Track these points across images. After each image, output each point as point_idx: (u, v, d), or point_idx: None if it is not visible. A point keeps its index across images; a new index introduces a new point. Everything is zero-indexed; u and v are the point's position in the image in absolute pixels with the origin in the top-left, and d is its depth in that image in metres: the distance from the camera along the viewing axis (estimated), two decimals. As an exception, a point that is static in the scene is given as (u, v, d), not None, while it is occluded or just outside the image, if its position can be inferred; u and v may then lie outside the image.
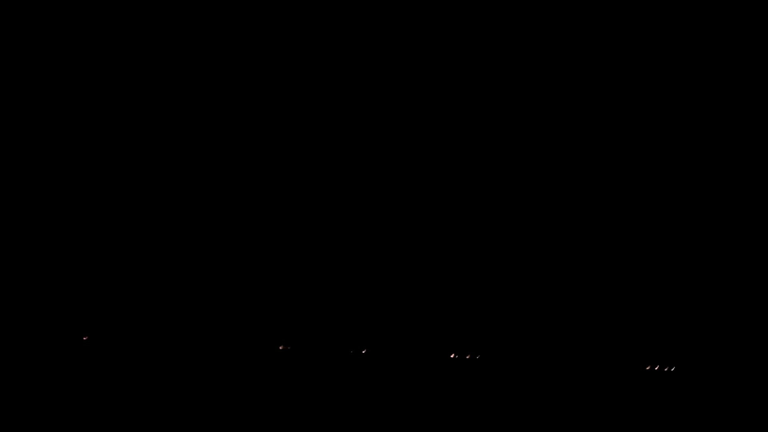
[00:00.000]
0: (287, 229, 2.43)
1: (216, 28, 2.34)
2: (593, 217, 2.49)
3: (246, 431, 2.26)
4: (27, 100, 2.30)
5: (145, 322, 2.37)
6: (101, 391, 2.26)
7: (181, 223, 2.39)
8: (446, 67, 2.42)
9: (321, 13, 2.37)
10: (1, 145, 2.32)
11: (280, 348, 2.38)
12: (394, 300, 2.47)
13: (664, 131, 2.43)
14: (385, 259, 2.46)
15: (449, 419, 2.38)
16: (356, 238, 2.45)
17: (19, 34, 2.28)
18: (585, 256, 2.49)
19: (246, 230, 2.41)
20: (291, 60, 2.38)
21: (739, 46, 2.35)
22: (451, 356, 2.47)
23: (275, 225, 2.43)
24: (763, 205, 2.41)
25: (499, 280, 2.49)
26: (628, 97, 2.43)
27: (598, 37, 2.40)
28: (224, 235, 2.40)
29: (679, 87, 2.42)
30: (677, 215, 2.46)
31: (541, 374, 2.46)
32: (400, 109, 2.43)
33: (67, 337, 2.32)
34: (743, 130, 2.40)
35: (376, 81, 2.41)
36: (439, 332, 2.49)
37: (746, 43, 2.34)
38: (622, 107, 2.43)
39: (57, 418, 2.21)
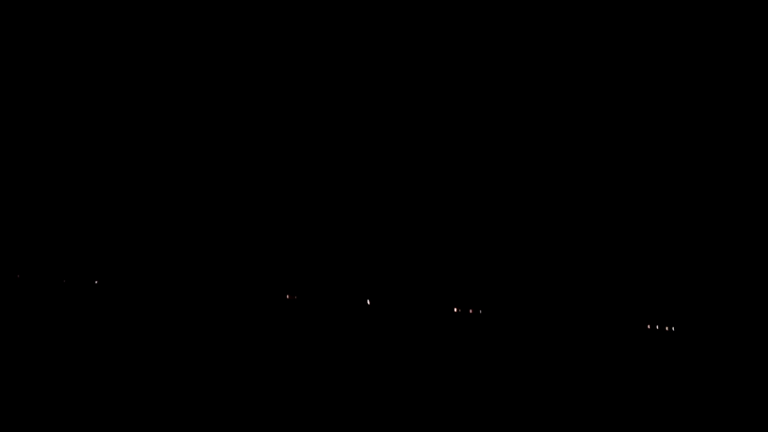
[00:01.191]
0: (298, 184, 2.48)
1: (216, 29, 2.38)
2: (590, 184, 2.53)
3: (252, 376, 2.31)
4: (28, 100, 2.35)
5: (156, 270, 2.42)
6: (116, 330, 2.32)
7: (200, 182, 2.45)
8: (447, 68, 2.46)
9: (321, 13, 2.41)
10: (9, 143, 2.37)
11: (287, 297, 2.44)
12: (398, 253, 2.51)
13: (663, 122, 2.47)
14: (390, 213, 2.51)
15: (449, 372, 2.43)
16: (364, 194, 2.50)
17: (20, 34, 2.32)
18: (584, 216, 2.53)
19: (262, 185, 2.47)
20: (291, 60, 2.43)
21: (739, 46, 2.39)
22: (455, 310, 2.52)
23: (291, 181, 2.48)
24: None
25: (503, 234, 2.54)
26: (627, 95, 2.47)
27: (598, 37, 2.43)
28: (235, 188, 2.46)
29: (680, 87, 2.45)
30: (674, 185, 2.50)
31: (543, 330, 2.50)
32: (401, 96, 2.47)
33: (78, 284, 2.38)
34: (743, 129, 2.44)
35: (376, 81, 2.45)
36: (442, 286, 2.54)
37: (746, 43, 2.37)
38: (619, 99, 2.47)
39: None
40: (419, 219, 2.53)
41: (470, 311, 2.53)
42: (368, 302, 2.48)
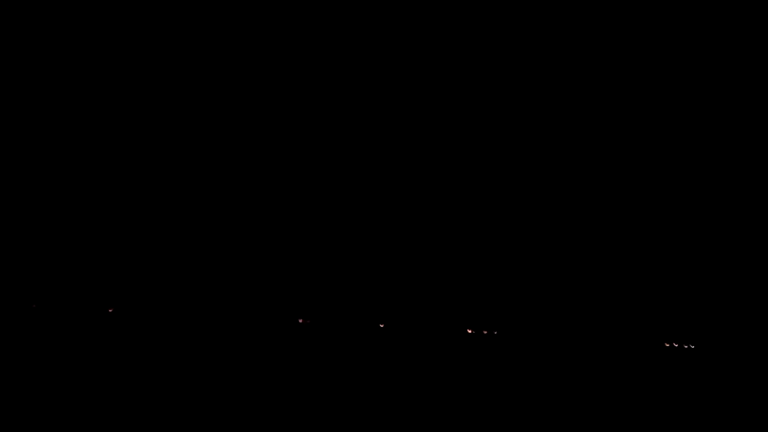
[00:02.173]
0: (311, 207, 2.49)
1: (216, 29, 2.40)
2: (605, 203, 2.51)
3: (266, 399, 2.31)
4: (28, 101, 2.37)
5: (169, 294, 2.44)
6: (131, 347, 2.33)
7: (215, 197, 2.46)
8: (447, 68, 2.46)
9: (321, 13, 2.42)
10: (4, 144, 2.40)
11: (300, 321, 2.44)
12: (411, 276, 2.51)
13: (664, 127, 2.45)
14: (403, 235, 2.51)
15: (464, 395, 2.41)
16: (377, 215, 2.50)
17: (20, 34, 2.35)
18: (598, 238, 2.51)
19: (272, 208, 2.48)
20: (291, 60, 2.44)
21: (739, 46, 2.36)
22: (468, 331, 2.50)
23: (302, 204, 2.49)
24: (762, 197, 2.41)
25: (516, 256, 2.52)
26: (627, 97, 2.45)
27: (598, 37, 2.42)
28: (250, 211, 2.47)
29: (680, 87, 2.43)
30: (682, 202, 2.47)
31: (556, 352, 2.48)
32: (405, 104, 2.47)
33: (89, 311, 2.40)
34: (743, 130, 2.41)
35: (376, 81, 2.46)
36: (455, 308, 2.53)
37: (746, 43, 2.35)
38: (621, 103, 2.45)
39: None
40: (432, 241, 2.53)
41: (484, 332, 2.51)
42: (381, 326, 2.48)
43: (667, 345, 2.50)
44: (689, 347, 2.49)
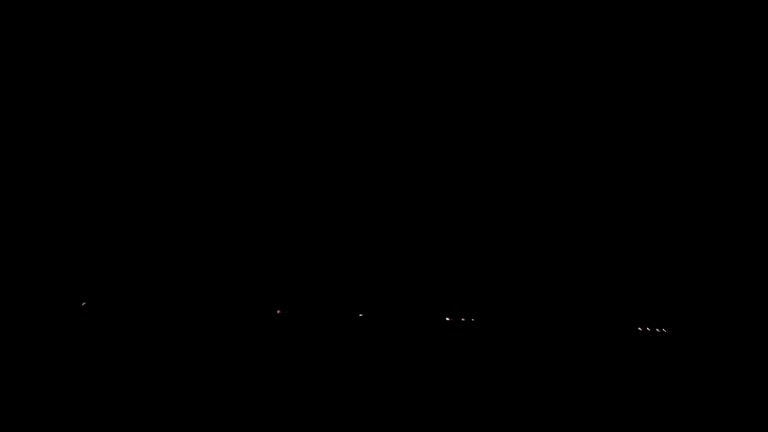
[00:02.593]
0: (289, 200, 2.46)
1: (217, 29, 2.35)
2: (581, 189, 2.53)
3: (246, 393, 2.30)
4: (28, 101, 2.31)
5: (146, 286, 2.40)
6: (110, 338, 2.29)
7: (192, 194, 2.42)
8: (447, 68, 2.45)
9: (321, 13, 2.38)
10: (4, 145, 2.34)
11: (278, 312, 2.42)
12: (389, 266, 2.50)
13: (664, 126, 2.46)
14: (381, 226, 2.50)
15: (443, 382, 2.43)
16: (354, 203, 2.48)
17: (20, 34, 2.28)
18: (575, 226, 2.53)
19: (252, 199, 2.44)
20: (291, 60, 2.40)
21: (739, 46, 2.38)
22: (446, 319, 2.51)
23: (281, 196, 2.46)
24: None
25: (493, 245, 2.53)
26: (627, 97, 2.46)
27: (598, 37, 2.42)
28: (228, 202, 2.43)
29: (680, 87, 2.45)
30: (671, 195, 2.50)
31: (536, 336, 2.51)
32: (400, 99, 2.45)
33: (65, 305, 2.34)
34: (743, 130, 2.44)
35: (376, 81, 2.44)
36: (434, 296, 2.53)
37: (746, 43, 2.37)
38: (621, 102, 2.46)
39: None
40: (409, 232, 2.53)
41: (462, 320, 2.52)
42: (360, 315, 2.47)
43: (640, 330, 2.55)
44: (661, 331, 2.54)
